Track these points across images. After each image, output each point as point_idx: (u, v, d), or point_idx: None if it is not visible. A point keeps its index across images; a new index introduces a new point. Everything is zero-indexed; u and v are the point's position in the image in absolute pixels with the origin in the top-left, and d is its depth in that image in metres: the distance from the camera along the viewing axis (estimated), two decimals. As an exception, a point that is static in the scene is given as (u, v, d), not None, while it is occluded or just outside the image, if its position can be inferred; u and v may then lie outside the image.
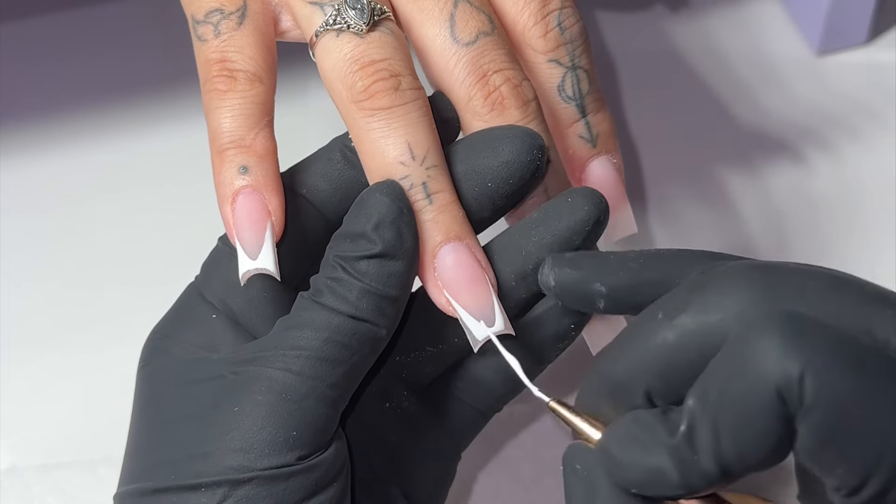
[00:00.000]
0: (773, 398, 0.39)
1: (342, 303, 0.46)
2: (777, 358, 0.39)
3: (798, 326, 0.39)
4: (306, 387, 0.45)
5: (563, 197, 0.48)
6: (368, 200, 0.47)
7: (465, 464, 0.60)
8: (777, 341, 0.39)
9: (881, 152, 0.70)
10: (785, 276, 0.41)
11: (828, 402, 0.38)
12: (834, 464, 0.39)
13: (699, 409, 0.40)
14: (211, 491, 0.45)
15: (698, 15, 0.75)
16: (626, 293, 0.46)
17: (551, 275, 0.47)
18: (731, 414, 0.39)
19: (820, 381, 0.38)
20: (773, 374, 0.39)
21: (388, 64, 0.48)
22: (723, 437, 0.40)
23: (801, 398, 0.38)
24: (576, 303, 0.47)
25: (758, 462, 0.40)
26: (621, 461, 0.42)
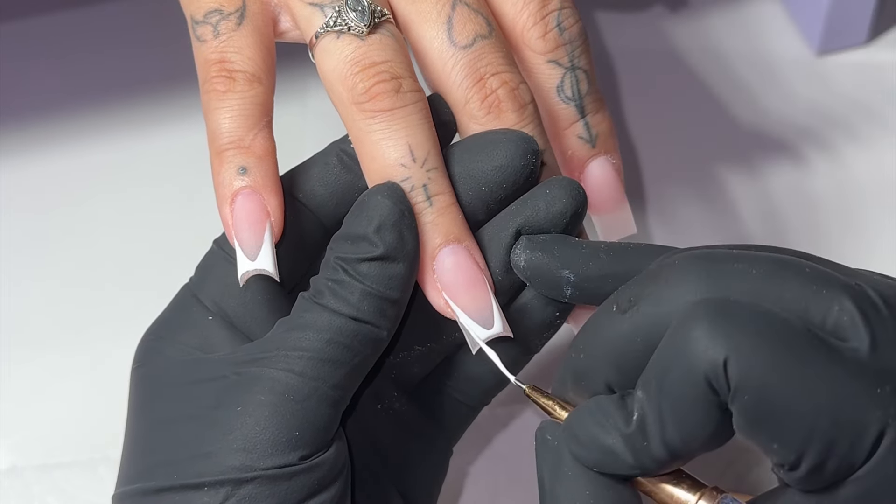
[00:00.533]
0: (704, 384, 0.40)
1: (344, 304, 0.46)
2: (703, 345, 0.40)
3: (724, 313, 0.40)
4: (309, 387, 0.46)
5: (542, 188, 0.48)
6: (370, 202, 0.47)
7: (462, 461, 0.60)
8: (703, 329, 0.40)
9: (881, 152, 0.70)
10: (728, 263, 0.42)
11: (752, 384, 0.39)
12: (768, 442, 0.40)
13: (645, 398, 0.42)
14: (214, 490, 0.45)
15: (698, 15, 0.75)
16: (594, 283, 0.47)
17: (522, 255, 0.48)
18: (671, 402, 0.41)
19: (743, 364, 0.39)
20: (700, 362, 0.40)
21: (390, 66, 0.48)
22: (667, 425, 0.41)
23: (728, 383, 0.40)
24: (543, 287, 0.48)
25: (702, 445, 0.41)
26: (582, 442, 0.43)
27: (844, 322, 0.40)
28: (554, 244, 0.48)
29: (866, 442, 0.39)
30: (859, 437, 0.39)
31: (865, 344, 0.40)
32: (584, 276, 0.47)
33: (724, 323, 0.40)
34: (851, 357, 0.40)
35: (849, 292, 0.41)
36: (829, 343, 0.40)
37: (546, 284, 0.48)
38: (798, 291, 0.41)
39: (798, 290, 0.41)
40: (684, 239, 0.67)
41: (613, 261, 0.47)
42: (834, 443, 0.39)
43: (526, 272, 0.48)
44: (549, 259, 0.47)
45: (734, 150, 0.70)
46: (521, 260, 0.48)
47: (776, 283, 0.41)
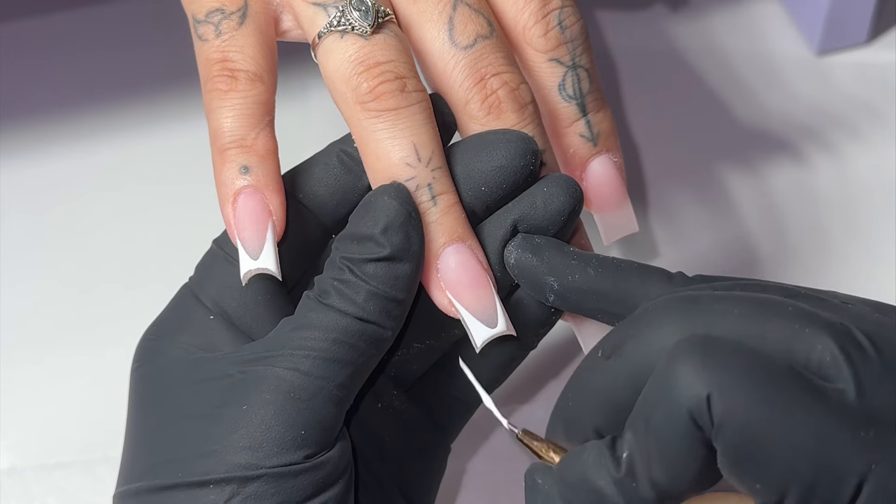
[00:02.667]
0: (688, 422, 0.40)
1: (350, 305, 0.46)
2: (687, 383, 0.40)
3: (708, 351, 0.40)
4: (314, 386, 0.46)
5: (540, 186, 0.49)
6: (376, 203, 0.47)
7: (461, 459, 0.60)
8: (687, 366, 0.40)
9: (881, 152, 0.70)
10: (710, 305, 0.42)
11: (736, 422, 0.39)
12: (751, 482, 0.40)
13: (633, 439, 0.41)
14: (220, 488, 0.45)
15: (698, 14, 0.75)
16: (576, 296, 0.47)
17: (513, 254, 0.48)
18: (657, 442, 0.41)
19: (727, 401, 0.39)
20: (684, 399, 0.40)
21: (394, 66, 0.48)
22: (654, 465, 0.41)
23: (712, 420, 0.39)
24: (529, 287, 0.48)
25: (690, 485, 0.41)
26: (573, 486, 0.43)
27: (828, 363, 0.40)
28: (546, 249, 0.48)
29: (848, 487, 0.39)
30: (840, 483, 0.39)
31: (851, 386, 0.39)
32: (567, 287, 0.47)
33: (708, 358, 0.40)
34: (836, 399, 0.39)
35: (832, 332, 0.40)
36: (814, 383, 0.39)
37: (531, 285, 0.48)
38: (781, 331, 0.41)
39: (781, 330, 0.41)
40: (686, 237, 0.67)
41: (600, 277, 0.47)
42: (815, 486, 0.39)
43: (514, 270, 0.48)
44: (537, 263, 0.48)
45: (735, 149, 0.70)
46: (511, 258, 0.48)
47: (758, 323, 0.41)
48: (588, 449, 0.43)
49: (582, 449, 0.43)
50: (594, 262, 0.47)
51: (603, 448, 0.42)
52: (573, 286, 0.47)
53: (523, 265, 0.48)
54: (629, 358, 0.42)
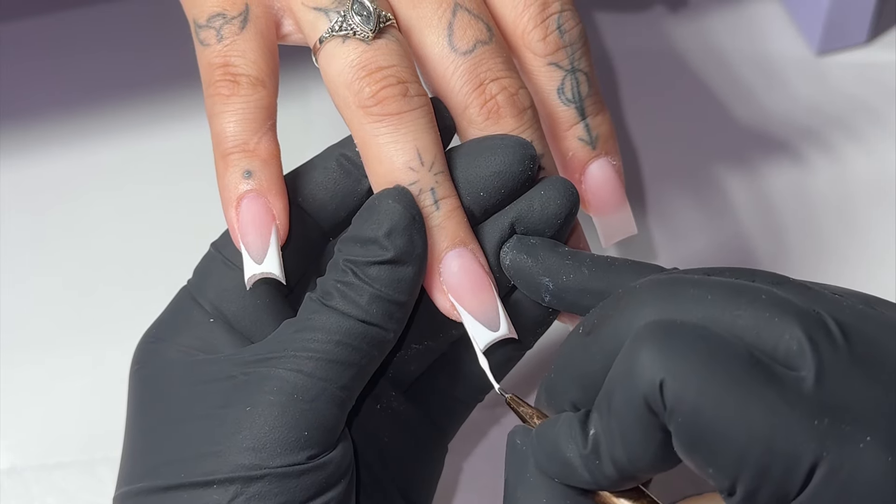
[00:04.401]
0: (643, 406, 0.40)
1: (353, 307, 0.46)
2: (643, 366, 0.40)
3: (668, 335, 0.40)
4: (317, 388, 0.46)
5: (536, 190, 0.49)
6: (380, 206, 0.47)
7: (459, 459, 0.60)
8: (645, 350, 0.40)
9: (881, 152, 0.70)
10: (684, 289, 0.42)
11: (685, 409, 0.39)
12: (703, 465, 0.40)
13: (598, 418, 0.42)
14: (223, 488, 0.45)
15: (698, 15, 0.75)
16: (570, 296, 0.47)
17: (509, 255, 0.48)
18: (617, 423, 0.41)
19: (678, 386, 0.39)
20: (640, 383, 0.40)
21: (396, 70, 0.48)
22: (615, 444, 0.41)
23: (664, 405, 0.40)
24: (524, 288, 0.49)
25: (649, 465, 0.41)
26: (546, 452, 0.44)
27: (794, 351, 0.40)
28: (540, 250, 0.48)
29: (799, 474, 0.39)
30: (792, 469, 0.39)
31: (811, 374, 0.39)
32: (561, 287, 0.47)
33: (666, 343, 0.40)
34: (794, 386, 0.39)
35: (802, 320, 0.40)
36: (773, 370, 0.39)
37: (527, 286, 0.48)
38: (751, 318, 0.41)
39: (751, 317, 0.41)
40: (684, 239, 0.67)
41: (594, 276, 0.47)
42: (766, 472, 0.39)
43: (510, 271, 0.48)
44: (532, 264, 0.48)
45: (734, 150, 0.70)
46: (507, 259, 0.48)
47: (729, 310, 0.41)
48: (561, 421, 0.44)
49: (556, 419, 0.44)
50: (588, 261, 0.47)
51: (574, 422, 0.43)
52: (568, 286, 0.47)
53: (518, 266, 0.48)
54: (604, 336, 0.43)
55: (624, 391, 0.41)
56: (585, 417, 0.43)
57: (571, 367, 0.44)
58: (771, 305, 0.41)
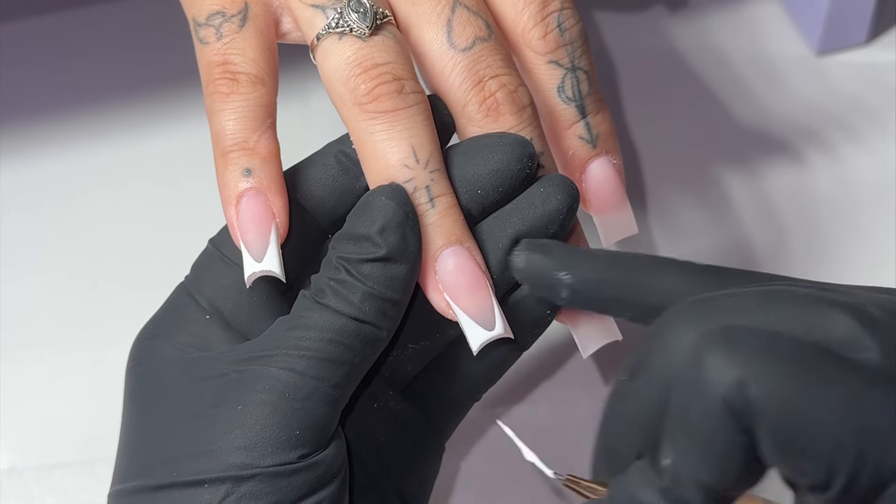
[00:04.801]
0: (723, 411, 0.39)
1: (345, 305, 0.46)
2: (717, 371, 0.39)
3: (733, 337, 0.40)
4: (309, 386, 0.46)
5: (537, 187, 0.49)
6: (374, 203, 0.47)
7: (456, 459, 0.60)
8: (713, 356, 0.39)
9: (881, 152, 0.70)
10: (722, 302, 0.42)
11: (775, 404, 0.39)
12: (798, 463, 0.39)
13: (670, 445, 0.41)
14: (214, 487, 0.45)
15: (698, 15, 0.75)
16: (590, 287, 0.47)
17: (521, 257, 0.48)
18: (695, 439, 0.40)
19: (762, 383, 0.39)
20: (717, 388, 0.39)
21: (392, 67, 0.48)
22: (696, 465, 0.40)
23: (749, 405, 0.39)
24: (541, 289, 0.48)
25: (735, 479, 0.41)
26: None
27: (848, 337, 0.40)
28: (552, 247, 0.48)
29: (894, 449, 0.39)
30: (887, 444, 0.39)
31: (875, 353, 0.39)
32: (580, 279, 0.47)
33: (734, 344, 0.39)
34: (865, 365, 0.39)
35: (846, 309, 0.40)
36: (841, 356, 0.40)
37: (543, 286, 0.48)
38: (797, 316, 0.41)
39: (797, 315, 0.41)
40: (685, 239, 0.67)
41: (610, 266, 0.47)
42: (863, 453, 0.39)
43: (524, 273, 0.48)
44: (547, 260, 0.48)
45: (734, 149, 0.70)
46: (520, 261, 0.48)
47: (773, 311, 0.41)
48: (631, 471, 0.42)
49: (625, 474, 0.43)
50: (601, 254, 0.47)
51: (644, 465, 0.42)
52: (586, 277, 0.47)
53: (533, 265, 0.48)
54: (653, 373, 0.42)
55: (698, 403, 0.40)
56: (652, 458, 0.42)
57: (625, 418, 0.43)
58: (812, 302, 0.41)
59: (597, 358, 0.62)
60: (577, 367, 0.61)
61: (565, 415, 0.62)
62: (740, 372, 0.39)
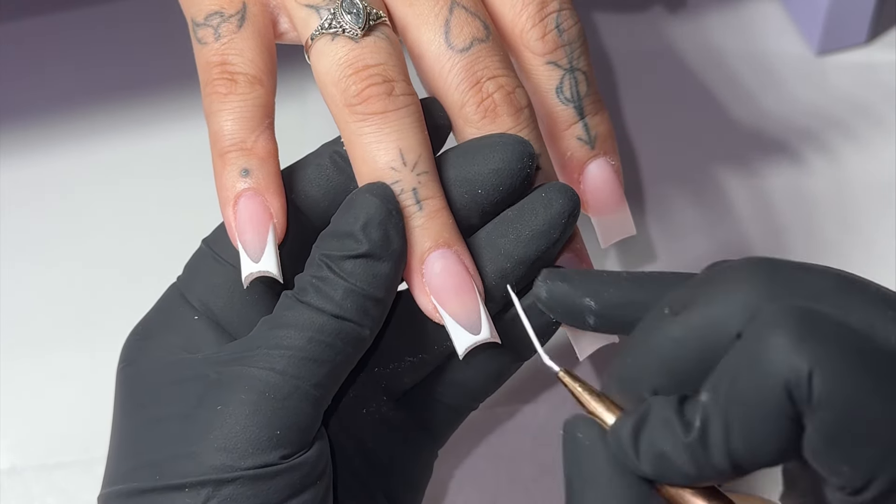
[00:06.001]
0: (782, 395, 0.39)
1: (326, 302, 0.46)
2: (787, 354, 0.39)
3: (809, 322, 0.39)
4: (290, 386, 0.46)
5: (538, 193, 0.49)
6: (357, 200, 0.47)
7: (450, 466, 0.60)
8: (788, 337, 0.39)
9: (880, 153, 0.70)
10: (791, 272, 0.41)
11: (836, 401, 0.38)
12: (840, 463, 0.39)
13: (712, 404, 0.40)
14: (195, 491, 0.45)
15: (697, 15, 0.75)
16: (617, 311, 0.46)
17: (543, 287, 0.47)
18: (742, 411, 0.39)
19: (829, 379, 0.38)
20: (782, 371, 0.39)
21: (382, 69, 0.48)
22: (733, 434, 0.40)
23: (810, 396, 0.38)
24: (566, 316, 0.47)
25: (768, 459, 0.40)
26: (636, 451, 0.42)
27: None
28: (574, 274, 0.47)
29: None
30: None
31: None
32: (606, 304, 0.46)
33: (811, 331, 0.39)
34: None
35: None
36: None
37: (569, 314, 0.47)
38: (864, 308, 0.40)
39: (864, 307, 0.40)
40: (683, 240, 0.67)
41: (635, 288, 0.46)
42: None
43: (549, 303, 0.47)
44: (571, 288, 0.47)
45: (733, 150, 0.70)
46: (542, 292, 0.47)
47: (842, 297, 0.40)
48: (653, 407, 0.42)
49: (646, 406, 0.42)
50: (625, 276, 0.47)
51: (669, 409, 0.41)
52: (612, 301, 0.46)
53: (557, 294, 0.47)
54: (700, 316, 0.41)
55: (756, 377, 0.39)
56: (679, 405, 0.41)
57: (656, 350, 0.42)
58: (884, 299, 0.40)
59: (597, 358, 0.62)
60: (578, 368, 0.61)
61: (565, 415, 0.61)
62: (810, 362, 0.38)
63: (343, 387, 0.49)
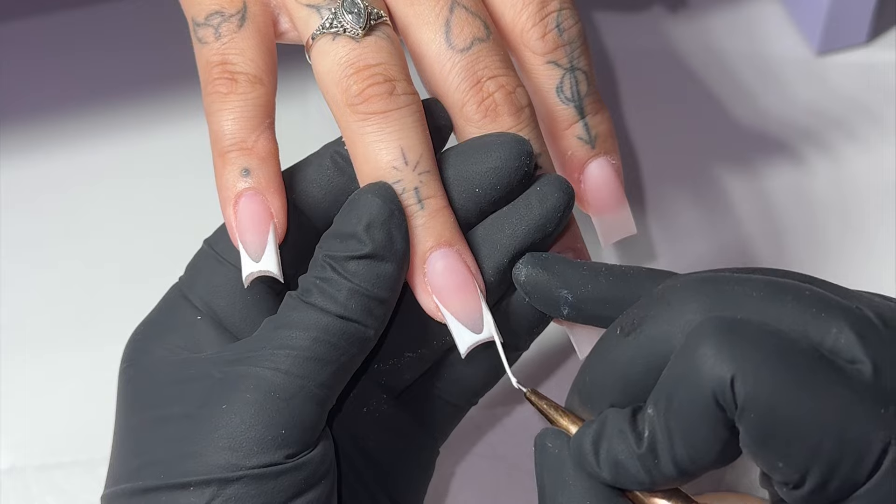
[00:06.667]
0: (711, 403, 0.40)
1: (331, 302, 0.46)
2: (711, 363, 0.40)
3: (731, 332, 0.40)
4: (295, 385, 0.46)
5: (533, 188, 0.49)
6: (360, 201, 0.47)
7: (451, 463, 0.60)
8: (710, 348, 0.40)
9: (880, 153, 0.70)
10: (729, 287, 0.42)
11: (759, 404, 0.40)
12: (773, 461, 0.40)
13: (656, 417, 0.42)
14: (200, 490, 0.45)
15: (698, 15, 0.75)
16: (591, 306, 0.47)
17: (523, 270, 0.48)
18: (680, 421, 0.41)
19: (750, 383, 0.40)
20: (708, 380, 0.40)
21: (384, 68, 0.48)
22: (675, 443, 0.41)
23: (735, 401, 0.40)
24: (542, 303, 0.48)
25: (711, 462, 0.42)
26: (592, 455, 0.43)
27: (842, 345, 0.40)
28: (555, 263, 0.48)
29: (869, 461, 0.40)
30: (863, 457, 0.39)
31: (868, 367, 0.40)
32: (581, 298, 0.47)
33: (731, 340, 0.40)
34: (857, 378, 0.40)
35: (847, 315, 0.41)
36: (836, 364, 0.40)
37: (544, 302, 0.48)
38: (797, 315, 0.41)
39: (797, 314, 0.41)
40: (684, 240, 0.67)
41: (612, 285, 0.47)
42: (838, 462, 0.40)
43: (525, 287, 0.48)
44: (549, 277, 0.48)
45: (734, 150, 0.70)
46: (521, 275, 0.48)
47: (776, 306, 0.41)
48: (609, 420, 0.43)
49: (602, 418, 0.43)
50: (604, 270, 0.47)
51: (623, 421, 0.43)
52: (587, 296, 0.47)
53: (535, 281, 0.48)
54: (648, 336, 0.43)
55: (688, 389, 0.40)
56: (632, 416, 0.43)
57: (610, 368, 0.44)
58: (815, 302, 0.41)
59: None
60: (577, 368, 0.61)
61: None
62: (732, 370, 0.40)
63: (346, 387, 0.49)
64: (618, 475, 0.43)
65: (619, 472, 0.43)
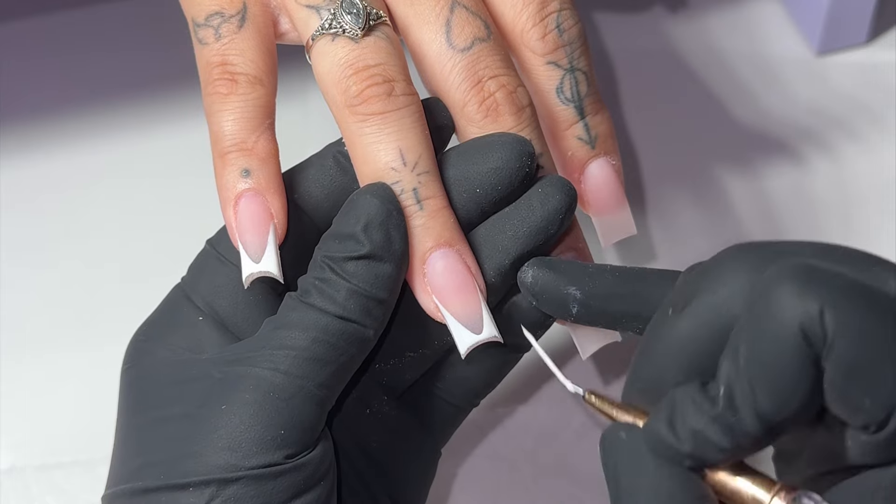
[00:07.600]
0: (799, 339, 0.39)
1: (330, 303, 0.46)
2: (796, 300, 0.39)
3: (810, 272, 0.40)
4: (294, 386, 0.46)
5: (535, 189, 0.49)
6: (358, 201, 0.47)
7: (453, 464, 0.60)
8: (794, 285, 0.39)
9: (881, 153, 0.70)
10: (778, 247, 0.42)
11: (849, 334, 0.39)
12: (860, 397, 0.39)
13: (733, 369, 0.40)
14: (199, 490, 0.45)
15: (698, 15, 0.75)
16: (600, 302, 0.47)
17: (529, 272, 0.48)
18: (763, 366, 0.40)
19: (839, 313, 0.39)
20: (794, 315, 0.39)
21: (383, 69, 0.48)
22: (759, 392, 0.40)
23: (825, 333, 0.39)
24: (550, 305, 0.48)
25: (795, 409, 0.40)
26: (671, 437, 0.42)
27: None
28: (561, 264, 0.48)
29: None
30: None
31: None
32: (590, 294, 0.47)
33: (812, 278, 0.39)
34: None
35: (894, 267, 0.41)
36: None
37: (552, 302, 0.48)
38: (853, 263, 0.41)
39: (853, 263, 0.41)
40: (684, 240, 0.67)
41: (620, 281, 0.47)
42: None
43: (533, 288, 0.48)
44: (556, 276, 0.47)
45: (734, 150, 0.70)
46: (528, 277, 0.48)
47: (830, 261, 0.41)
48: (678, 396, 0.42)
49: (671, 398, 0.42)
50: (610, 269, 0.47)
51: (694, 392, 0.42)
52: (596, 292, 0.47)
53: (542, 281, 0.48)
54: (706, 304, 0.42)
55: (771, 329, 0.39)
56: (702, 385, 0.42)
57: (670, 348, 0.43)
58: (865, 256, 0.41)
59: (596, 359, 0.62)
60: (577, 368, 0.61)
61: (565, 415, 0.62)
62: (820, 301, 0.39)
63: (346, 387, 0.49)
64: (697, 445, 0.41)
65: (698, 442, 0.41)
